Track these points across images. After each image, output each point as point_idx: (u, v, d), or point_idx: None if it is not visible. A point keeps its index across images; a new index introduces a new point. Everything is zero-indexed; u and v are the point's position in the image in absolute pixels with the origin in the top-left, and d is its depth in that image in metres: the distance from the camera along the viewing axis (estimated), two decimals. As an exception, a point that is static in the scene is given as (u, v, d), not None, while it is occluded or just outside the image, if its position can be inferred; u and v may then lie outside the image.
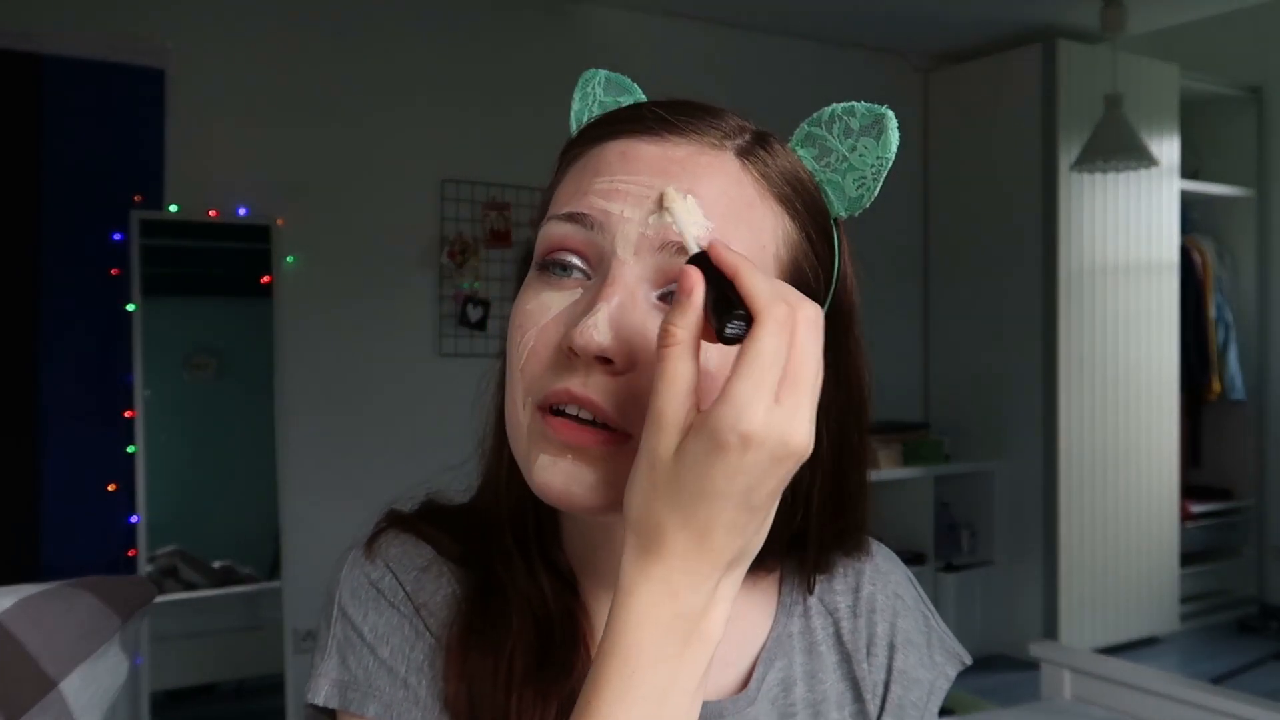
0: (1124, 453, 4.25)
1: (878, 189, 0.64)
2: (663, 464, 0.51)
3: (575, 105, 0.68)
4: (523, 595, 0.66)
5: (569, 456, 0.58)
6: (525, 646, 0.64)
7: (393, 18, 3.52)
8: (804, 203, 0.63)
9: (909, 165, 4.60)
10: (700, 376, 0.53)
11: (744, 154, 0.61)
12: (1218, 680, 3.68)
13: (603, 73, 0.68)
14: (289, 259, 3.32)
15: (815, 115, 0.64)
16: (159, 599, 1.39)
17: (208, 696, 3.40)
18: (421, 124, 3.53)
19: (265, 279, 3.28)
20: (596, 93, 0.68)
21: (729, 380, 0.49)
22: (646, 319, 0.57)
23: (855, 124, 0.62)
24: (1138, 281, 4.29)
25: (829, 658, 0.72)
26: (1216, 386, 4.60)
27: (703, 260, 0.52)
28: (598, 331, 0.55)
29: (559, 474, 0.58)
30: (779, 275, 0.61)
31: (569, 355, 0.57)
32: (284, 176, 3.32)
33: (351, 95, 3.43)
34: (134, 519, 3.05)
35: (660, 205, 0.57)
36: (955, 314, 4.53)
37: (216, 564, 3.33)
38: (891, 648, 0.73)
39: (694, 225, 0.57)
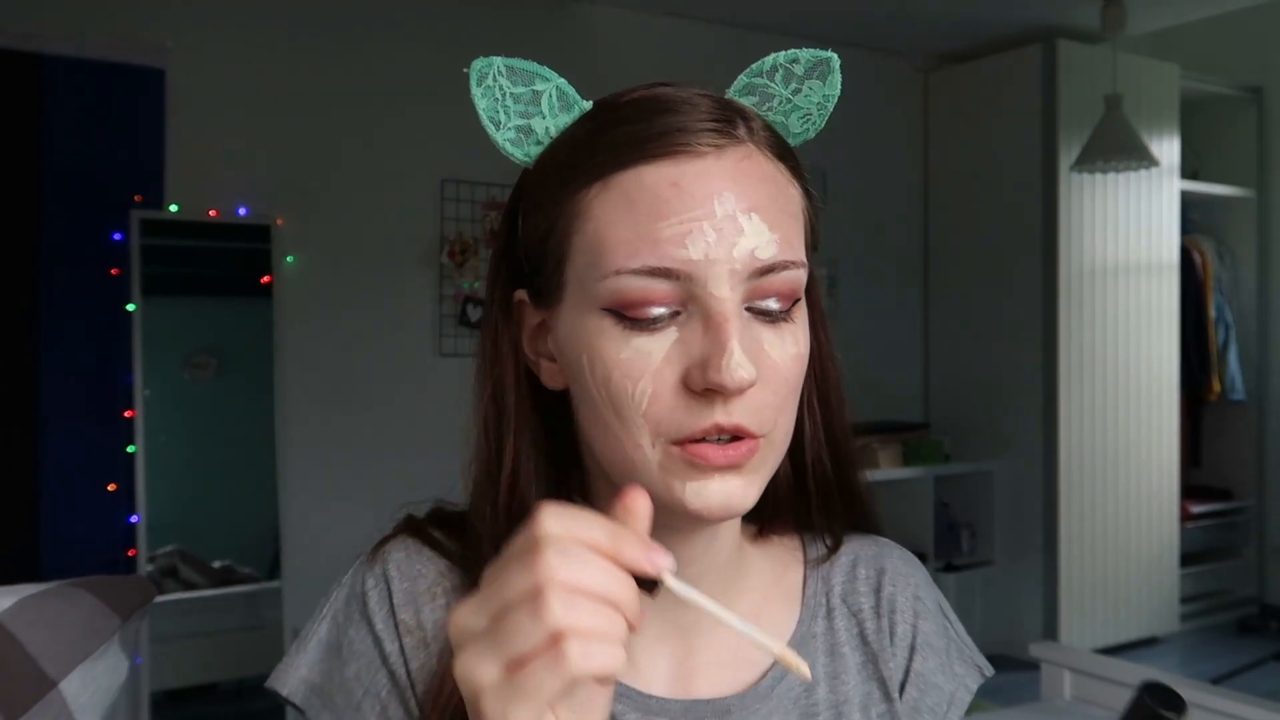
0: (1124, 453, 4.25)
1: (822, 124, 0.65)
2: None
3: (482, 104, 0.64)
4: None
5: (716, 476, 0.60)
6: None
7: (393, 18, 3.52)
8: (797, 159, 0.64)
9: (909, 165, 4.60)
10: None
11: (754, 139, 0.62)
12: (1218, 680, 3.68)
13: (499, 60, 0.64)
14: (289, 259, 3.32)
15: (753, 66, 0.64)
16: (159, 599, 1.39)
17: (208, 696, 3.40)
18: (421, 124, 3.53)
19: (265, 279, 3.28)
20: (502, 85, 0.64)
21: None
22: (754, 335, 0.60)
23: (799, 70, 0.64)
24: (1138, 282, 4.29)
25: (852, 659, 0.73)
26: (1216, 387, 4.60)
27: None
28: (745, 370, 0.57)
29: (715, 495, 0.60)
30: (805, 243, 0.63)
31: (704, 394, 0.58)
32: (284, 176, 3.32)
33: (351, 95, 3.43)
34: (134, 519, 3.05)
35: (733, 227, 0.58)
36: (955, 314, 4.52)
37: (216, 564, 3.33)
38: (911, 649, 0.74)
39: (770, 245, 0.59)
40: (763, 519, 0.73)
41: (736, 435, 0.59)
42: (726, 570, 0.70)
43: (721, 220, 0.58)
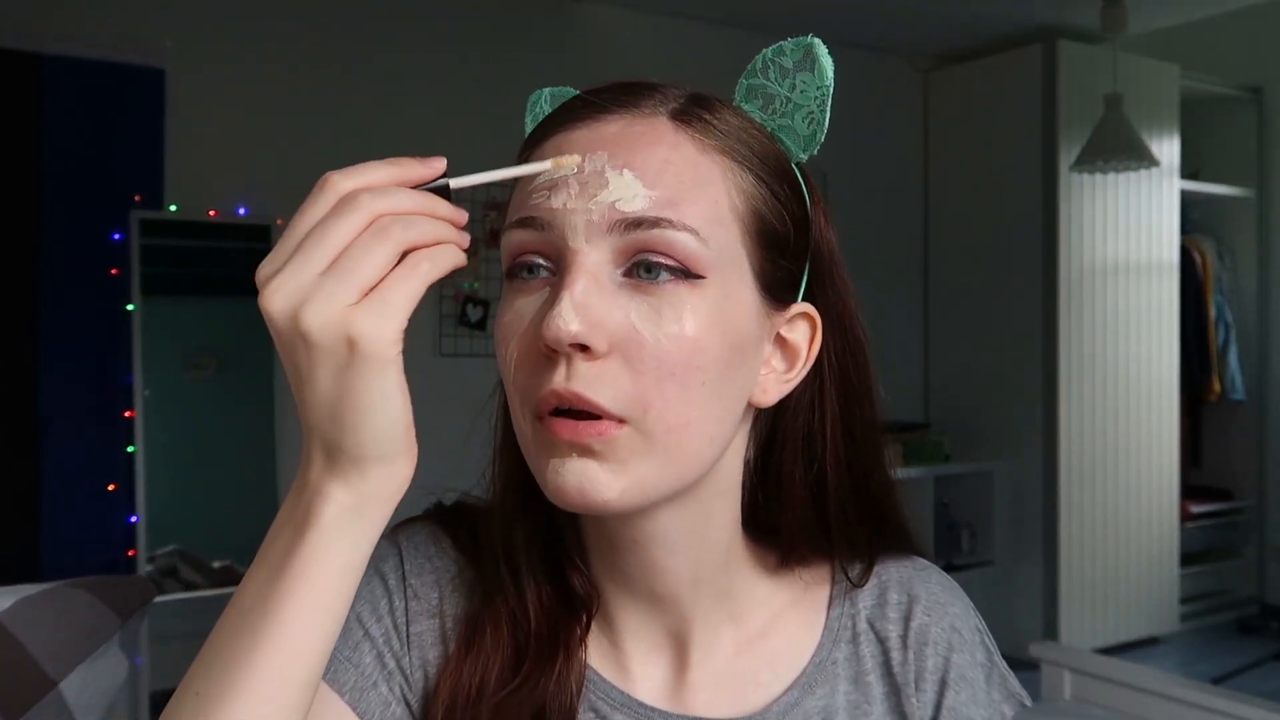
0: (1124, 453, 4.25)
1: (827, 120, 0.63)
2: None
3: (530, 129, 0.67)
4: (509, 609, 0.66)
5: (574, 455, 0.57)
6: (503, 661, 0.65)
7: (393, 18, 3.52)
8: (751, 150, 0.61)
9: (909, 165, 4.60)
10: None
11: (678, 116, 0.60)
12: (1218, 680, 3.68)
13: (547, 91, 0.67)
14: (289, 259, 3.31)
15: (749, 67, 0.64)
16: (159, 599, 1.39)
17: (208, 696, 3.39)
18: (421, 124, 3.53)
19: (265, 279, 3.28)
20: (545, 110, 0.67)
21: None
22: (615, 299, 0.56)
23: (788, 62, 0.63)
24: (1138, 282, 4.29)
25: (877, 689, 0.69)
26: (1217, 387, 4.60)
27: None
28: (564, 321, 0.54)
29: (570, 475, 0.57)
30: (738, 226, 0.59)
31: (549, 354, 0.56)
32: (284, 176, 3.32)
33: (351, 95, 3.43)
34: (134, 519, 3.04)
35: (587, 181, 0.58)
36: (955, 314, 4.52)
37: (216, 564, 3.32)
38: (943, 684, 0.69)
39: (637, 199, 0.56)
40: (785, 548, 0.69)
41: (591, 415, 0.56)
42: (719, 588, 0.67)
43: (589, 175, 0.57)
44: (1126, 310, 4.25)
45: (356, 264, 0.47)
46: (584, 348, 0.55)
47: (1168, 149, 4.31)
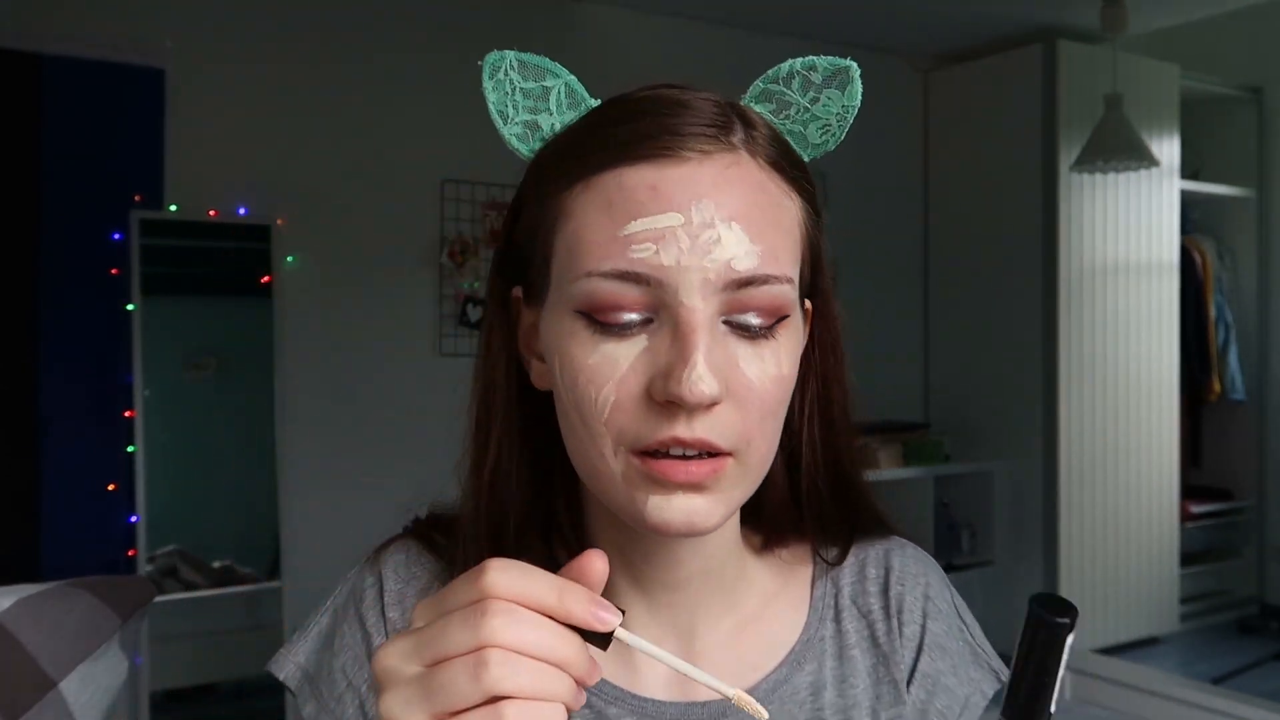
0: (1124, 453, 4.25)
1: (842, 135, 0.63)
2: None
3: (491, 97, 0.63)
4: None
5: (680, 492, 0.58)
6: None
7: (393, 17, 3.52)
8: (801, 170, 0.62)
9: (909, 165, 4.60)
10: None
11: (749, 146, 0.60)
12: (1218, 680, 3.68)
13: (511, 54, 0.63)
14: (289, 259, 3.32)
15: (770, 72, 0.62)
16: (159, 599, 1.39)
17: (208, 696, 3.40)
18: (421, 124, 3.53)
19: (265, 279, 3.28)
20: (513, 79, 0.63)
21: None
22: (726, 349, 0.58)
23: (816, 78, 0.62)
24: (1138, 282, 4.29)
25: (862, 662, 0.71)
26: (1217, 387, 4.60)
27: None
28: (706, 384, 0.55)
29: (676, 511, 0.58)
30: (802, 254, 0.62)
31: (667, 406, 0.56)
32: (284, 176, 3.32)
33: (352, 95, 3.43)
34: (134, 519, 3.04)
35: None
36: (955, 314, 4.52)
37: (216, 564, 3.33)
38: (919, 648, 0.72)
39: (749, 257, 0.57)
40: (767, 530, 0.72)
41: (702, 451, 0.57)
42: (724, 576, 0.70)
43: (698, 227, 0.56)
44: (1126, 310, 4.25)
45: (441, 688, 0.45)
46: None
47: (1168, 149, 4.30)
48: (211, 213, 3.19)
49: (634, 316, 0.57)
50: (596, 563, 0.48)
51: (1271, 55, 4.59)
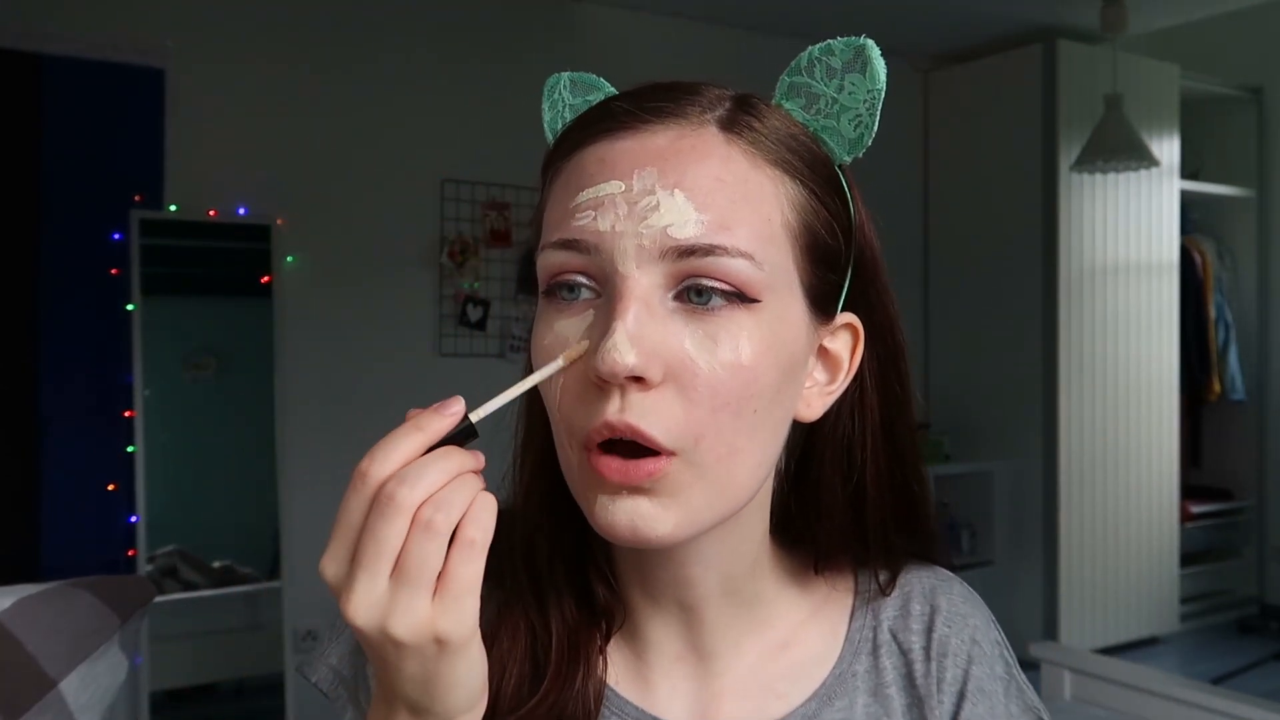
0: (1124, 453, 4.25)
1: (875, 124, 0.60)
2: None
3: (546, 115, 0.64)
4: (528, 621, 0.65)
5: (624, 493, 0.55)
6: (519, 675, 0.64)
7: (393, 17, 3.52)
8: (802, 159, 0.59)
9: (909, 165, 4.60)
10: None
11: (727, 125, 0.57)
12: (1218, 680, 3.68)
13: (566, 75, 0.64)
14: (289, 259, 3.32)
15: (793, 64, 0.60)
16: (159, 599, 1.39)
17: (208, 696, 3.40)
18: (421, 124, 3.53)
19: (265, 279, 3.28)
20: (565, 97, 0.64)
21: None
22: (668, 326, 0.54)
23: (836, 62, 0.60)
24: (1138, 282, 4.29)
25: (897, 701, 0.67)
26: (1216, 387, 4.60)
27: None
28: (619, 353, 0.52)
29: (621, 514, 0.55)
30: (790, 241, 0.57)
31: (600, 384, 0.54)
32: (284, 176, 3.32)
33: (352, 95, 3.43)
34: (133, 519, 3.04)
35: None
36: (955, 314, 4.52)
37: (216, 564, 3.32)
38: (960, 695, 0.68)
39: (689, 224, 0.54)
40: (817, 557, 0.68)
41: (641, 447, 0.54)
42: (744, 597, 0.66)
43: (638, 194, 0.54)
44: (1126, 310, 4.25)
45: (419, 569, 0.50)
46: (638, 379, 0.53)
47: (1168, 149, 4.31)
48: (211, 213, 3.19)
49: (582, 281, 0.56)
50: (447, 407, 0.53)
51: (1271, 55, 4.59)
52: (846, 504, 0.66)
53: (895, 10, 4.02)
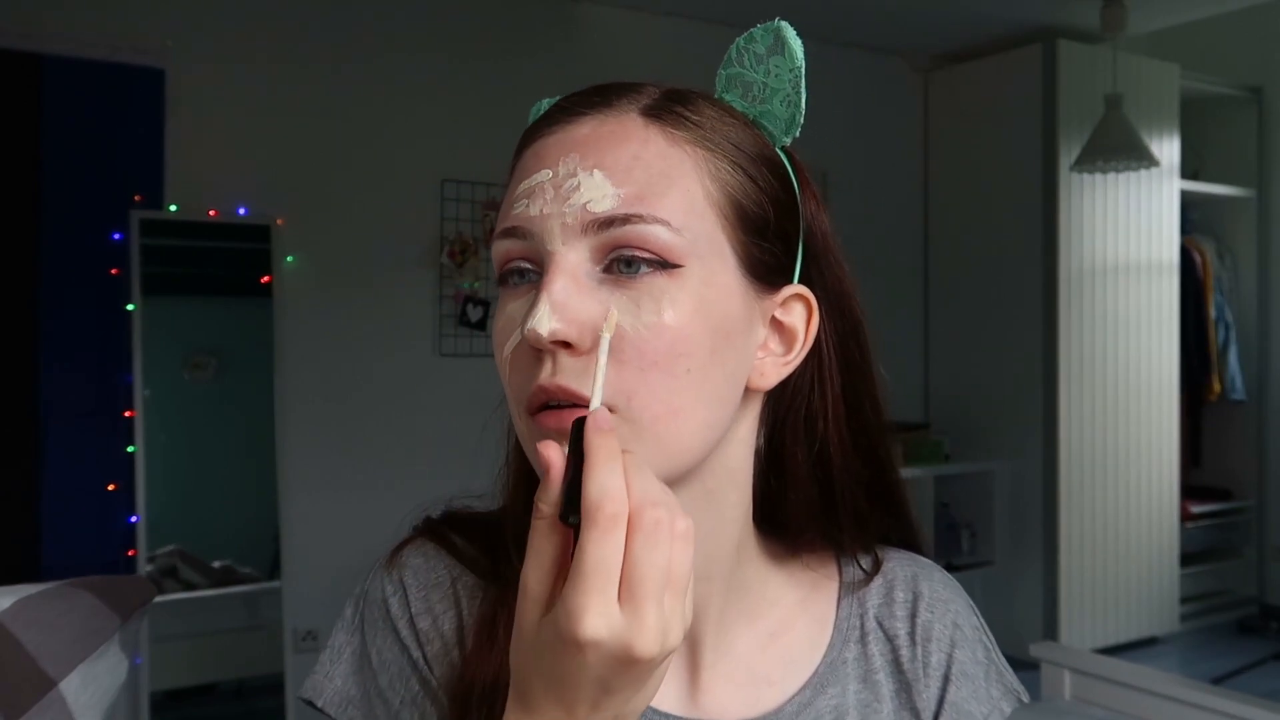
0: (1124, 453, 4.25)
1: (803, 101, 0.63)
2: (528, 633, 0.51)
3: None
4: None
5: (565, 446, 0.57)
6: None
7: (393, 18, 3.52)
8: (728, 139, 0.62)
9: (909, 165, 4.60)
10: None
11: (649, 112, 0.61)
12: (1218, 680, 3.68)
13: (546, 101, 0.68)
14: (289, 259, 3.32)
15: (726, 57, 0.65)
16: (159, 599, 1.39)
17: (208, 696, 3.39)
18: (421, 124, 3.53)
19: (265, 279, 3.28)
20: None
21: (566, 582, 0.50)
22: (594, 294, 0.58)
23: (760, 49, 0.64)
24: (1138, 281, 4.29)
25: (886, 687, 0.70)
26: (1216, 387, 4.60)
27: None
28: (542, 321, 0.56)
29: None
30: (715, 213, 0.60)
31: (534, 354, 0.58)
32: (284, 176, 3.32)
33: (351, 95, 3.43)
34: (134, 519, 3.04)
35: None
36: (955, 314, 4.52)
37: (216, 564, 3.32)
38: (946, 679, 0.71)
39: (606, 199, 0.58)
40: (791, 537, 0.70)
41: (579, 409, 0.56)
42: (733, 583, 0.67)
43: (562, 178, 0.59)
44: (1126, 310, 4.25)
45: (685, 578, 0.51)
46: (566, 344, 0.57)
47: (1168, 149, 4.31)
48: (211, 213, 3.19)
49: (526, 265, 0.60)
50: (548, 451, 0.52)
51: (1271, 55, 4.59)
52: (812, 476, 0.67)
53: (895, 10, 4.02)
